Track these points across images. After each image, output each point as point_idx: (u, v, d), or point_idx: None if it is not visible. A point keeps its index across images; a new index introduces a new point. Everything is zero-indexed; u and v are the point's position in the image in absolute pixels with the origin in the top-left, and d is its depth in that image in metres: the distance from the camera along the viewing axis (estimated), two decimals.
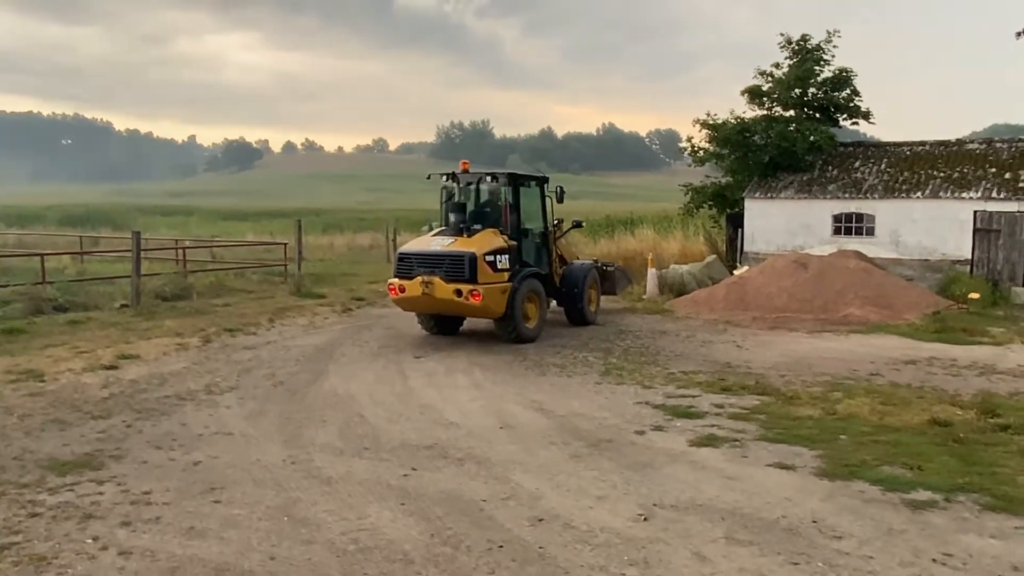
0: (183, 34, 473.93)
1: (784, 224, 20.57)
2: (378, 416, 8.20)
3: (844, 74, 22.02)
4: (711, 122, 22.45)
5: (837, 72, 22.02)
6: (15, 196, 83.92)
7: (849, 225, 19.91)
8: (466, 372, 10.36)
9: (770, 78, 22.51)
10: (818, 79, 22.02)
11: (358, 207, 71.43)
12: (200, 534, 5.27)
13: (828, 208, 20.15)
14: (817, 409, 8.38)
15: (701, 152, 23.10)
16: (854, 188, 20.07)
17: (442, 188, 13.58)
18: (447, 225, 12.89)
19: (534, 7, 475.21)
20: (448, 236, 12.44)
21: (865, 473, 6.37)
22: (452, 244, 12.12)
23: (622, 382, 9.75)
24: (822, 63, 21.92)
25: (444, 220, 13.16)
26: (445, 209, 13.23)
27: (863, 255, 17.72)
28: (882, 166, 20.61)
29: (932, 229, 18.68)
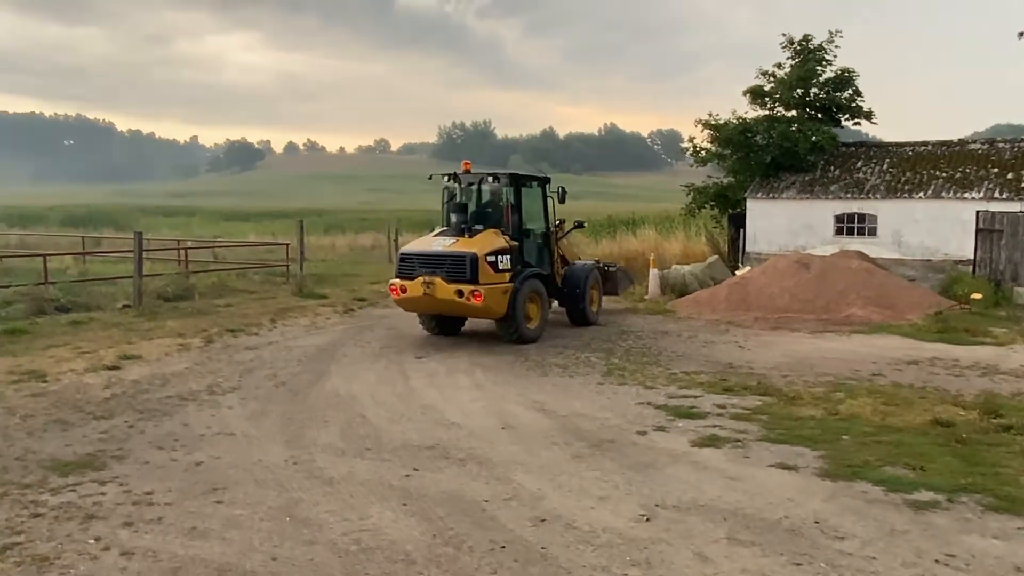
0: (184, 34, 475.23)
1: (786, 224, 20.56)
2: (380, 416, 8.20)
3: (846, 74, 22.01)
4: (713, 122, 22.44)
5: (839, 72, 22.01)
6: (17, 196, 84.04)
7: (851, 225, 19.90)
8: (468, 372, 10.36)
9: (772, 78, 22.50)
10: (820, 79, 22.01)
11: (360, 207, 71.51)
12: (202, 534, 5.27)
13: (830, 208, 20.14)
14: (819, 409, 8.37)
15: (703, 152, 23.10)
16: (856, 188, 20.05)
17: (444, 188, 13.56)
18: (448, 226, 12.89)
19: (535, 7, 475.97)
20: (450, 236, 12.44)
21: (867, 473, 6.36)
22: (453, 244, 12.12)
23: (624, 382, 9.75)
24: (824, 63, 21.90)
25: (445, 220, 13.16)
26: (446, 210, 13.23)
27: (865, 255, 17.70)
28: (884, 166, 20.59)
29: (934, 229, 18.66)
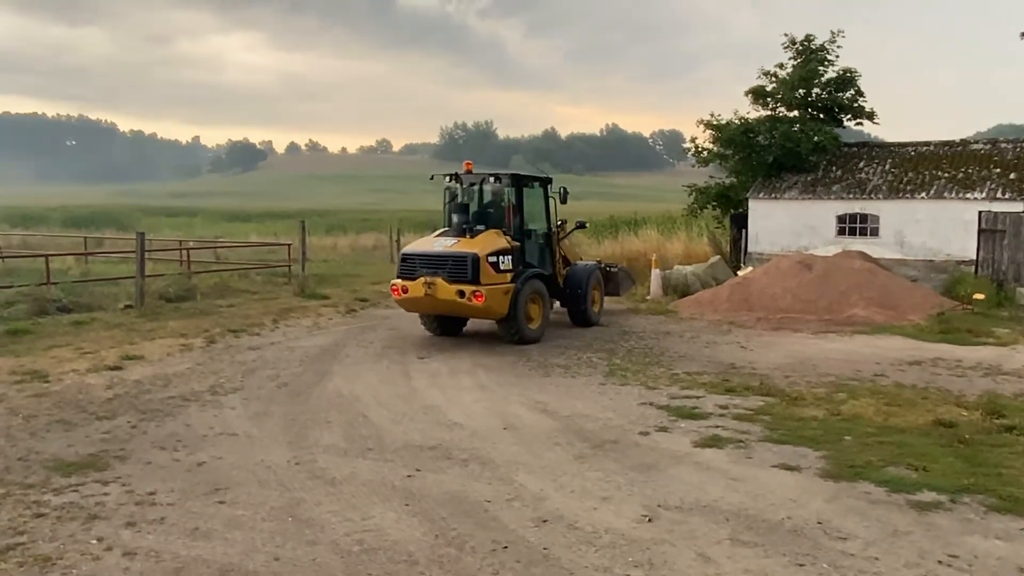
0: (186, 35, 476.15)
1: (788, 225, 20.55)
2: (382, 417, 8.20)
3: (848, 74, 22.02)
4: (715, 123, 22.45)
5: (841, 72, 22.02)
6: (19, 197, 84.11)
7: (853, 226, 19.89)
8: (470, 373, 10.36)
9: (774, 78, 22.51)
10: (822, 79, 22.02)
11: (362, 208, 71.61)
12: (205, 535, 5.27)
13: (832, 209, 20.14)
14: (822, 410, 8.36)
15: (705, 153, 23.11)
16: (858, 189, 20.04)
17: (445, 189, 13.54)
18: (450, 226, 12.89)
19: (536, 8, 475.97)
20: (451, 237, 12.43)
21: (870, 474, 6.35)
22: (455, 245, 12.11)
23: (626, 383, 9.74)
24: (826, 63, 21.91)
25: (447, 221, 13.15)
26: (448, 210, 13.23)
27: (867, 256, 17.67)
28: (886, 166, 20.58)
29: (936, 230, 18.65)
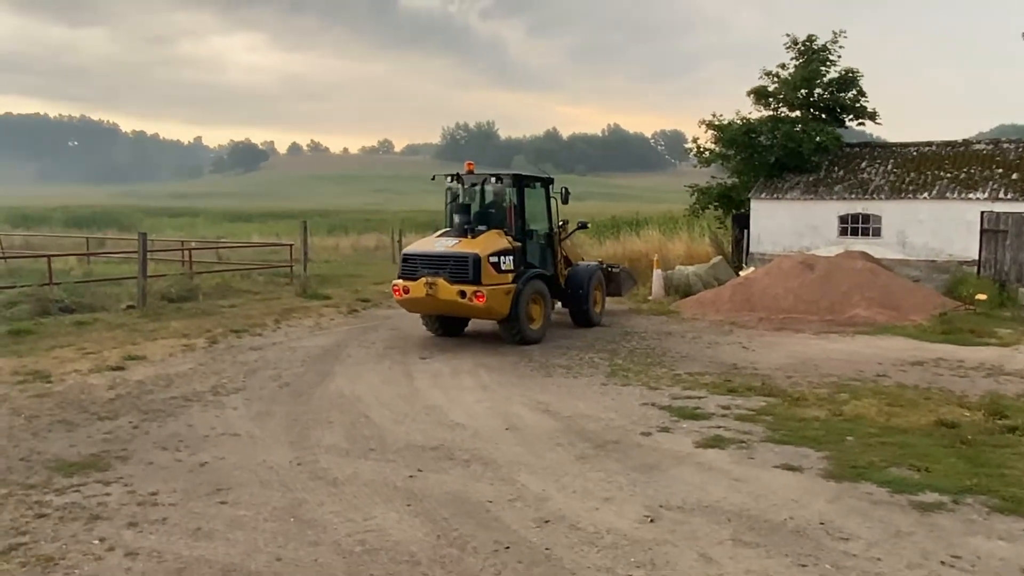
0: (188, 35, 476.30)
1: (790, 225, 20.53)
2: (384, 417, 8.20)
3: (850, 74, 21.96)
4: (717, 123, 22.40)
5: (843, 72, 21.96)
6: (22, 197, 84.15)
7: (855, 226, 19.86)
8: (472, 373, 10.36)
9: (776, 79, 22.46)
10: (824, 80, 21.96)
11: (363, 208, 71.64)
12: (207, 535, 5.27)
13: (834, 209, 20.11)
14: (824, 410, 8.35)
15: (707, 153, 23.07)
16: (860, 189, 20.01)
17: (447, 189, 13.52)
18: (451, 226, 12.88)
19: (537, 8, 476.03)
20: (452, 237, 12.43)
21: (872, 475, 6.34)
22: (456, 245, 12.11)
23: (628, 383, 9.73)
24: (828, 64, 21.86)
25: (449, 221, 13.15)
26: (450, 210, 13.22)
27: (869, 256, 17.65)
28: (888, 167, 20.55)
29: (939, 230, 18.62)
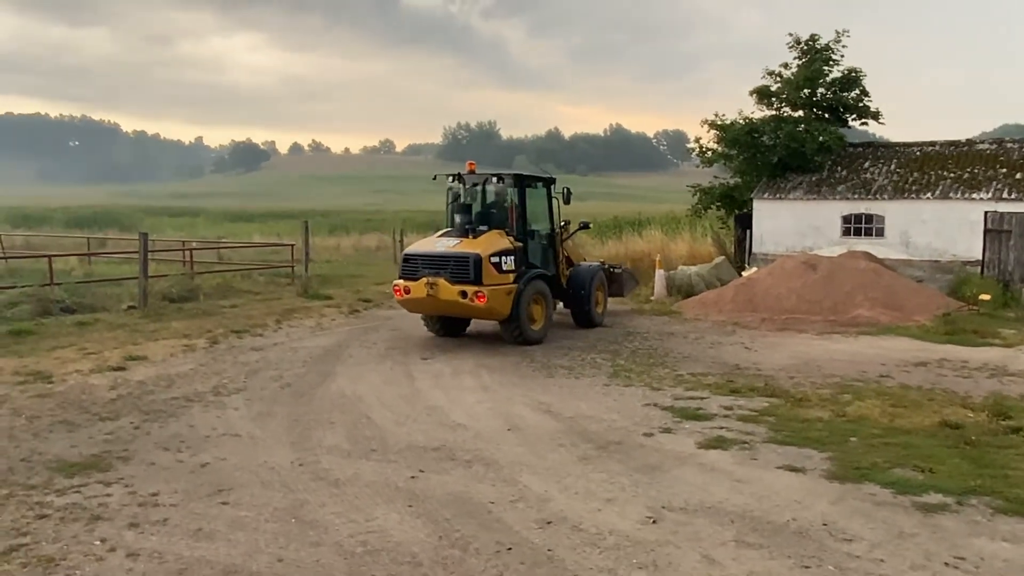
0: (188, 35, 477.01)
1: (793, 225, 20.49)
2: (385, 418, 8.18)
3: (853, 74, 21.91)
4: (719, 123, 22.36)
5: (846, 72, 21.91)
6: (22, 197, 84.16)
7: (858, 226, 19.82)
8: (473, 374, 10.34)
9: (779, 78, 22.41)
10: (827, 79, 21.91)
11: (365, 208, 71.59)
12: (208, 536, 5.26)
13: (837, 209, 20.07)
14: (827, 411, 8.33)
15: (709, 153, 23.03)
16: (863, 189, 19.97)
17: (448, 189, 13.49)
18: (453, 226, 12.86)
19: (539, 7, 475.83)
20: (453, 237, 12.41)
21: (876, 476, 6.33)
22: (457, 245, 12.08)
23: (630, 384, 9.71)
24: (831, 63, 21.82)
25: (450, 221, 13.13)
26: (451, 210, 13.20)
27: (873, 256, 17.61)
28: (892, 167, 20.51)
29: (942, 230, 18.57)
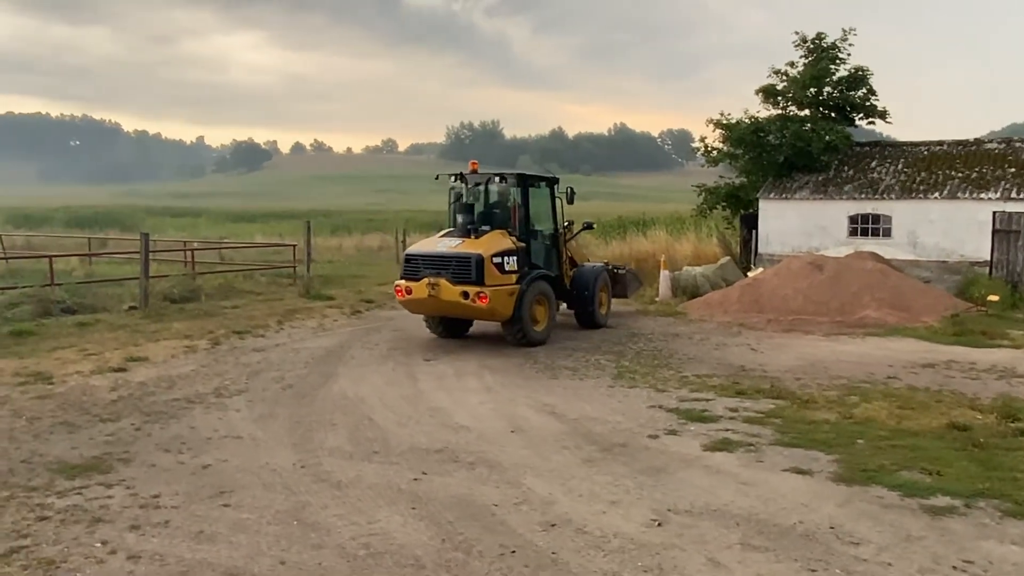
0: (190, 34, 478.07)
1: (799, 225, 20.42)
2: (388, 419, 8.14)
3: (860, 73, 21.85)
4: (725, 122, 22.32)
5: (853, 71, 21.86)
6: (23, 197, 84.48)
7: (865, 226, 19.74)
8: (476, 375, 10.29)
9: (785, 77, 22.37)
10: (834, 78, 21.87)
11: (367, 208, 71.64)
12: (209, 538, 5.22)
13: (844, 209, 20.00)
14: (833, 413, 8.26)
15: (714, 152, 22.99)
16: (870, 188, 19.89)
17: (450, 189, 13.42)
18: (455, 226, 12.80)
19: (543, 6, 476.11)
20: (455, 237, 12.34)
21: (883, 478, 6.27)
22: (459, 245, 12.02)
23: (635, 385, 9.66)
24: (838, 62, 21.76)
25: (452, 221, 13.07)
26: (453, 210, 13.13)
27: (880, 256, 17.53)
28: (899, 166, 20.43)
29: (950, 230, 18.49)
